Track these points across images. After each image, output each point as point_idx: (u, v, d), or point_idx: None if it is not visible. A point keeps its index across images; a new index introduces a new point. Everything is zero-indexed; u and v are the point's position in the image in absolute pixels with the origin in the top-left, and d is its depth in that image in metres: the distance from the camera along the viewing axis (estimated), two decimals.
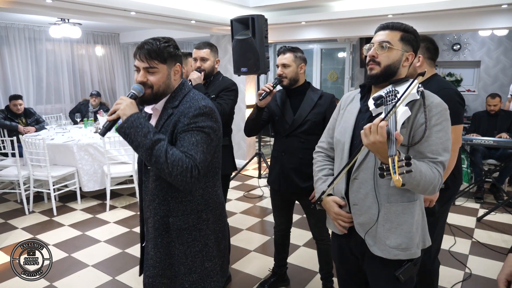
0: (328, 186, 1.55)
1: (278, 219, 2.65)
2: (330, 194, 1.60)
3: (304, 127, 2.31)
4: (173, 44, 1.50)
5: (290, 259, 3.19)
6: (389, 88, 1.41)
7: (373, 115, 1.43)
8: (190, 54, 3.65)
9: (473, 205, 4.48)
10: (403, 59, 1.43)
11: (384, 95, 1.38)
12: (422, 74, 1.29)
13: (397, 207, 1.43)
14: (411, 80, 1.35)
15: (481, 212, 4.21)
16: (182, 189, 1.46)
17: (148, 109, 1.58)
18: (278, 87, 2.44)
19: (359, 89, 1.60)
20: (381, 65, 1.43)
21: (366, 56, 1.49)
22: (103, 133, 1.48)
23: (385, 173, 1.16)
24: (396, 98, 1.31)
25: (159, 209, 1.54)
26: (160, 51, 1.44)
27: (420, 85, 1.36)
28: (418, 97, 1.35)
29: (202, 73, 2.68)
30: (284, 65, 2.33)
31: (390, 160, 1.14)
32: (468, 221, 4.01)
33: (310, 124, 2.31)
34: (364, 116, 1.49)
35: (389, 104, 1.32)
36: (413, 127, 1.38)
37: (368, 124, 1.25)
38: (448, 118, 1.40)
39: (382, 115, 1.28)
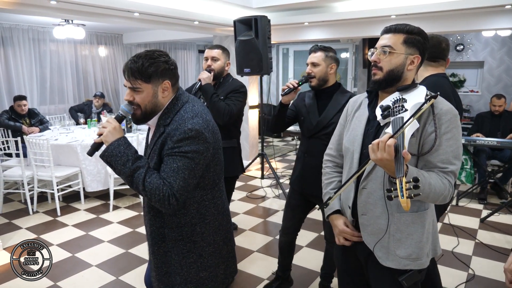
0: (335, 193, 1.53)
1: (289, 221, 2.53)
2: (337, 211, 1.61)
3: (328, 129, 2.23)
4: (162, 60, 1.44)
5: (293, 260, 3.19)
6: (397, 96, 1.39)
7: (381, 124, 1.41)
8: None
9: (477, 206, 4.47)
10: (407, 63, 1.40)
11: (391, 105, 1.36)
12: (435, 97, 1.28)
13: (407, 217, 1.40)
14: (425, 97, 1.32)
15: (485, 213, 4.20)
16: (164, 212, 1.50)
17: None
18: (308, 88, 2.40)
19: (366, 94, 1.57)
20: (384, 70, 1.41)
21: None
22: (90, 153, 1.51)
23: (393, 196, 1.13)
24: (404, 109, 1.29)
25: (154, 221, 1.57)
26: (144, 71, 1.40)
27: (428, 93, 1.33)
28: (427, 106, 1.32)
29: (212, 73, 2.70)
30: (313, 64, 2.27)
31: (397, 181, 1.11)
32: (472, 222, 4.00)
33: (334, 127, 2.25)
34: (373, 124, 1.46)
35: (397, 114, 1.30)
36: (423, 136, 1.35)
37: (376, 140, 1.23)
38: (458, 124, 1.37)
39: (390, 129, 1.27)
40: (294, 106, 2.40)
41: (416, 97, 1.34)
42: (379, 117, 1.39)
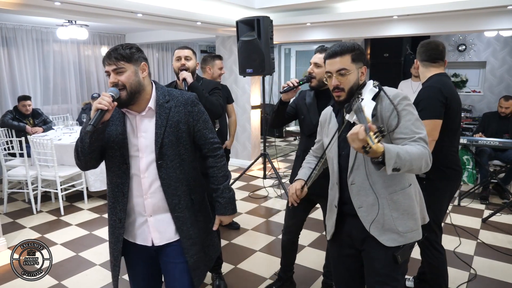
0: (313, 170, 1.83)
1: (290, 219, 2.54)
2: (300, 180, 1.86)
3: None
4: (135, 47, 1.65)
5: (296, 259, 3.20)
6: (356, 95, 1.56)
7: (351, 122, 1.55)
8: (218, 57, 3.79)
9: (479, 206, 4.48)
10: (360, 75, 1.61)
11: (351, 101, 1.55)
12: (362, 86, 1.59)
13: (398, 195, 1.57)
14: (373, 84, 1.55)
15: (487, 213, 4.21)
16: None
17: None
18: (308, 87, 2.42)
19: (331, 108, 1.80)
20: (345, 90, 1.59)
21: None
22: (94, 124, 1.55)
23: (367, 148, 1.27)
24: (361, 98, 1.50)
25: (187, 191, 1.72)
26: (125, 53, 1.59)
27: (374, 82, 1.55)
28: (377, 90, 1.53)
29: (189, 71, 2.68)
30: (316, 64, 2.28)
31: (368, 137, 1.26)
32: (474, 222, 4.01)
33: None
34: (346, 129, 1.59)
35: (355, 104, 1.47)
36: (384, 119, 1.53)
37: (348, 134, 1.34)
38: (410, 102, 1.55)
39: (354, 117, 1.46)
40: (294, 104, 2.43)
41: (367, 88, 1.55)
42: (346, 116, 1.58)
